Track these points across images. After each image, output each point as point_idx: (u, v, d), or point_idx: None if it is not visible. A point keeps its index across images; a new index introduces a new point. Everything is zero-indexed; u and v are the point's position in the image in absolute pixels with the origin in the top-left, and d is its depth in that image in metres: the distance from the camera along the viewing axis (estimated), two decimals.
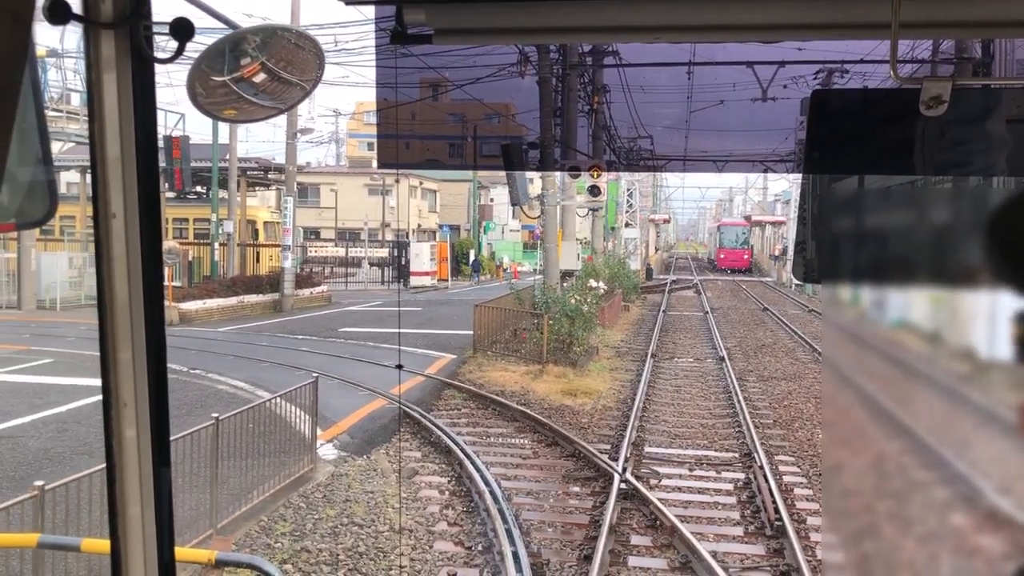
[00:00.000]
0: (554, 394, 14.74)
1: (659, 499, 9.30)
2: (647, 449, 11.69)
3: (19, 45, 1.01)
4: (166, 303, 24.96)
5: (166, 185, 32.32)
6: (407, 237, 56.30)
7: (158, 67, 1.47)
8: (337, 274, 44.86)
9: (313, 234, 61.69)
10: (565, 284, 19.99)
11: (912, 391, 1.56)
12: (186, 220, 34.18)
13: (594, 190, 20.84)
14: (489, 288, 36.58)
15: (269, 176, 49.11)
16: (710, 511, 9.23)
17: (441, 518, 8.77)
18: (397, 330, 22.81)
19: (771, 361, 19.91)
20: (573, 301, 16.68)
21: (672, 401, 14.96)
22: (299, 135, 29.00)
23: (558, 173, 21.42)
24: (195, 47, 1.51)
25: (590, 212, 31.15)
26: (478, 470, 9.78)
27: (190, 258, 35.36)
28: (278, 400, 9.87)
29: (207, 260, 33.27)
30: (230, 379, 15.25)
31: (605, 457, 10.65)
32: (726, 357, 19.66)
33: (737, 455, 11.52)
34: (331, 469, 10.10)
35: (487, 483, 9.31)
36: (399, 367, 17.17)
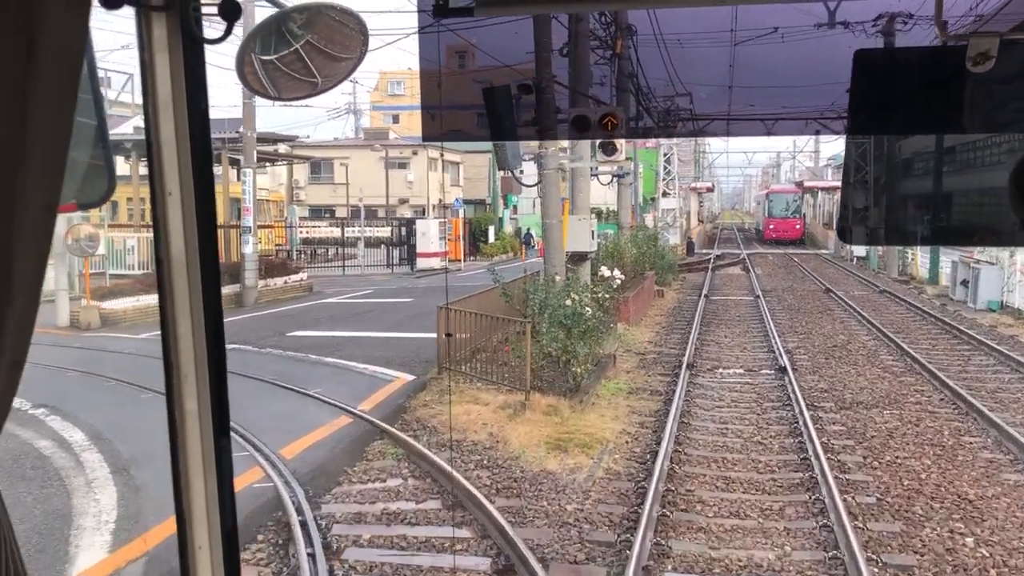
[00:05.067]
0: (535, 447, 9.79)
1: None
2: None
3: (78, 31, 1.02)
4: (83, 302, 20.41)
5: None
6: (424, 214, 51.71)
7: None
8: (343, 256, 40.21)
9: (328, 212, 57.30)
10: (570, 273, 14.94)
11: None
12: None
13: (608, 148, 15.77)
14: (507, 270, 31.54)
15: (278, 150, 44.68)
16: None
17: None
18: (365, 333, 17.98)
19: (850, 372, 14.71)
20: (570, 301, 11.67)
21: (715, 454, 9.93)
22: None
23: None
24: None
25: (615, 179, 25.99)
26: None
27: None
28: None
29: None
30: (72, 430, 10.55)
31: None
32: (788, 366, 14.55)
33: None
34: None
35: None
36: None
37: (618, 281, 14.87)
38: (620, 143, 17.39)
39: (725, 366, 15.34)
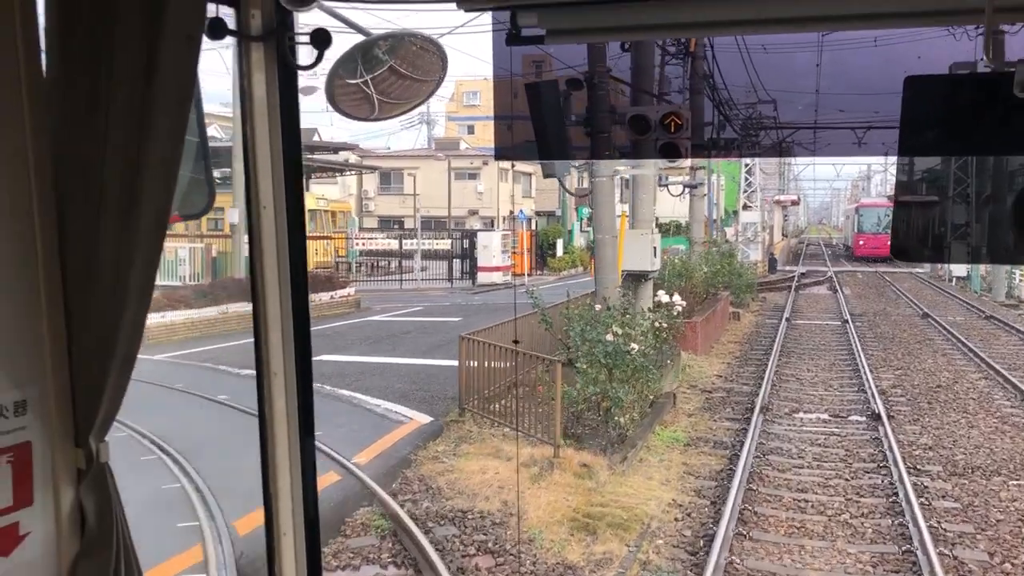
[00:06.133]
0: (556, 524, 7.72)
1: None
2: None
3: (192, 61, 1.18)
4: None
5: None
6: (494, 225, 50.16)
7: None
8: (406, 268, 38.65)
9: (396, 223, 56.23)
10: (623, 297, 12.80)
11: None
12: None
13: (670, 150, 13.55)
14: (570, 287, 29.42)
15: (346, 160, 43.55)
16: None
17: None
18: (395, 360, 16.17)
19: (960, 422, 12.20)
20: (611, 336, 9.57)
21: (789, 540, 7.70)
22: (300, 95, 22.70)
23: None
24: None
25: (686, 190, 23.71)
26: None
27: (214, 255, 29.99)
28: None
29: (233, 256, 27.66)
30: None
31: None
32: (882, 412, 12.14)
33: None
34: None
35: None
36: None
37: (679, 308, 12.66)
38: (681, 143, 15.18)
39: (806, 409, 12.99)
